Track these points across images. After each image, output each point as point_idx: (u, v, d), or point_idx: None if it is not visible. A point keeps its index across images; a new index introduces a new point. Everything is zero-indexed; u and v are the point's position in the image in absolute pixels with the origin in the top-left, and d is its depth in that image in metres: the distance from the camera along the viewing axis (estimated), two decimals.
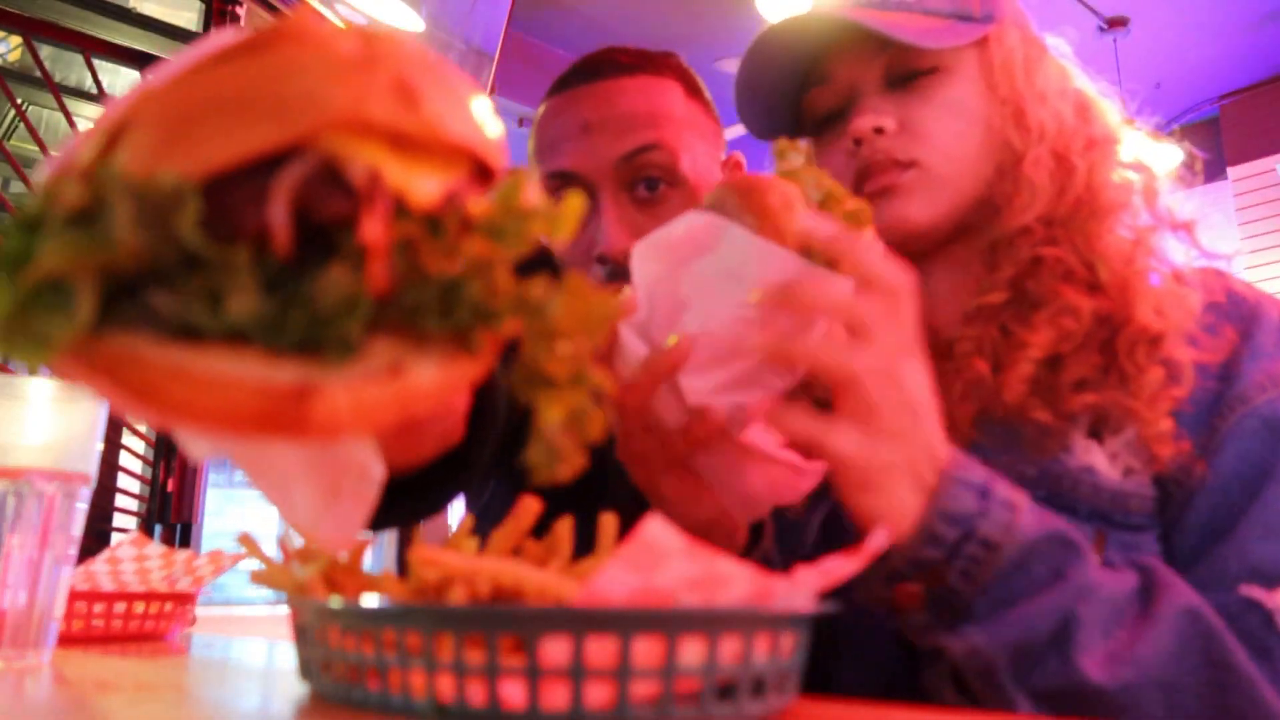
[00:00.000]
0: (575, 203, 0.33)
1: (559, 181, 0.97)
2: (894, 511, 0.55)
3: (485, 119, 0.35)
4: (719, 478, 0.63)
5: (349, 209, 0.30)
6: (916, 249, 0.77)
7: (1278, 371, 0.68)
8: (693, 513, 0.63)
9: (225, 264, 0.28)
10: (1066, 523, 0.59)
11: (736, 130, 1.06)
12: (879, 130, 0.76)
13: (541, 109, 1.03)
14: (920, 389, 0.57)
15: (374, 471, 0.44)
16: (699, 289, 0.57)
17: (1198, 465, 0.67)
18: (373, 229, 0.29)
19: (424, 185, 0.31)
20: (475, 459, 0.68)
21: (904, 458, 0.55)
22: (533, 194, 0.33)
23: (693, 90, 1.03)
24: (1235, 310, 0.73)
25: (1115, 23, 4.39)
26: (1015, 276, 0.75)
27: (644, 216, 0.94)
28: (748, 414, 0.59)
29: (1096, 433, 0.69)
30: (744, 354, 0.57)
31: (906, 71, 0.78)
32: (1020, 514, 0.57)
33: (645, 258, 0.59)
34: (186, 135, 0.30)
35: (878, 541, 0.43)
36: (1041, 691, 0.55)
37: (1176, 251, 0.78)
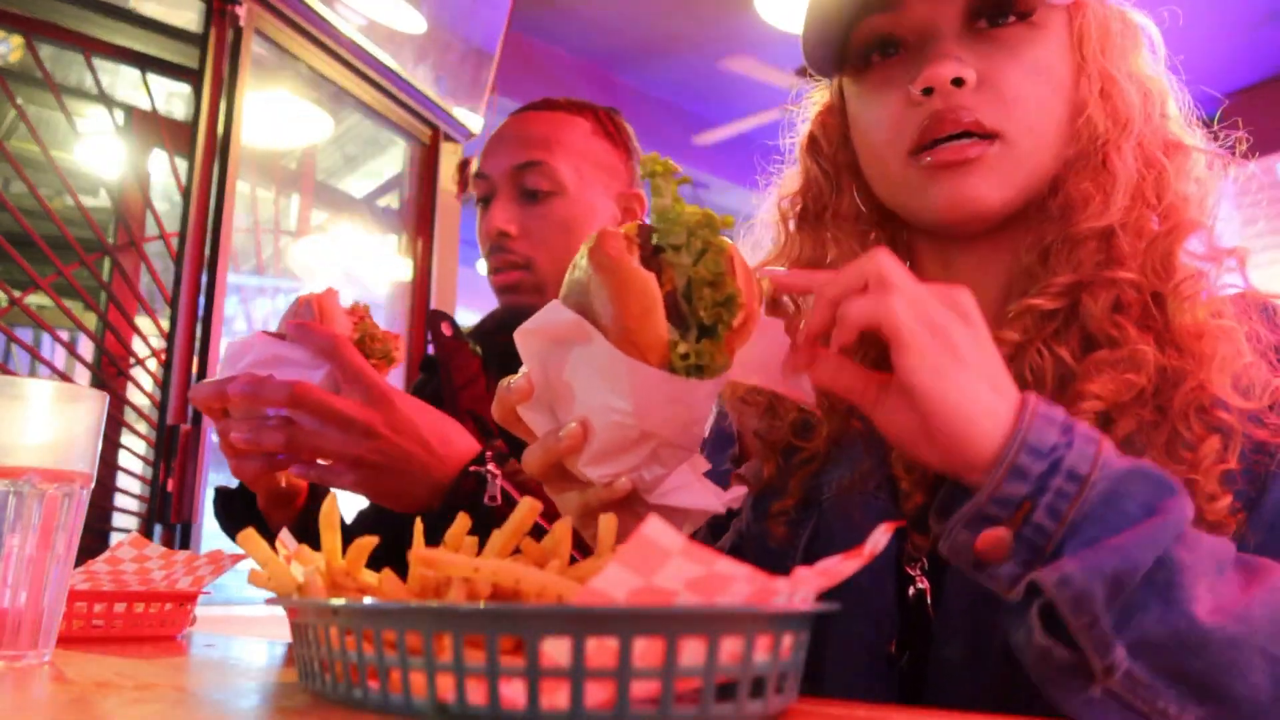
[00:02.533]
0: None
1: (477, 180, 1.27)
2: (979, 433, 0.52)
3: None
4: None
5: None
6: (976, 231, 0.72)
7: None
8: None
9: None
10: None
11: (741, 126, 1.08)
12: (958, 82, 0.67)
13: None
14: (965, 324, 0.54)
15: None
16: (578, 379, 0.57)
17: (1251, 533, 0.62)
18: None
19: None
20: None
21: (973, 380, 0.52)
22: None
23: (606, 133, 1.29)
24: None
25: None
26: (1074, 284, 0.68)
27: (526, 213, 1.22)
28: (655, 480, 0.59)
29: None
30: (630, 451, 0.57)
31: (997, 9, 0.68)
32: (1105, 448, 0.53)
33: (528, 340, 0.58)
34: None
35: (877, 540, 0.43)
36: (1143, 641, 0.49)
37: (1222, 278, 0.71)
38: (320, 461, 0.87)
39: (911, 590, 0.70)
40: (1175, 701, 0.49)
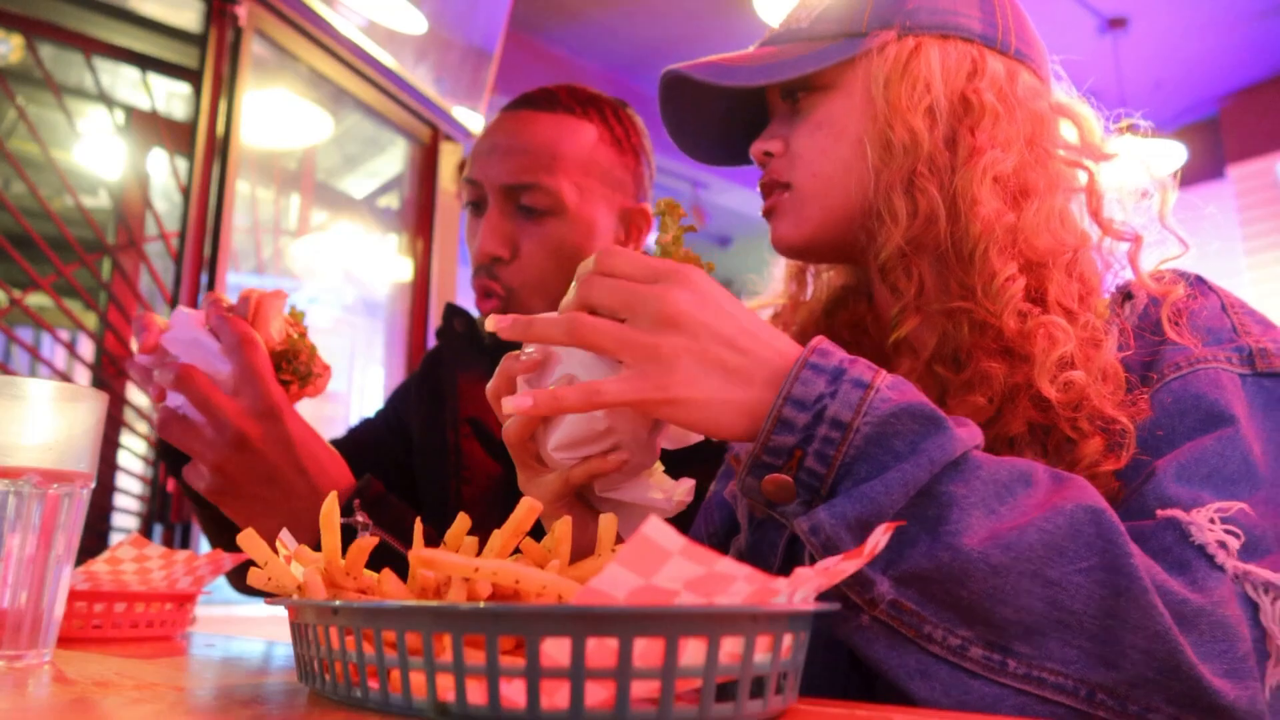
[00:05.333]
0: None
1: (469, 185, 1.14)
2: (719, 414, 0.57)
3: None
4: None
5: None
6: (817, 261, 0.87)
7: (1191, 355, 0.68)
8: (579, 540, 0.64)
9: None
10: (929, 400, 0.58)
11: None
12: (769, 154, 0.81)
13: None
14: (676, 333, 0.57)
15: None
16: (560, 379, 0.63)
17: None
18: None
19: None
20: None
21: (695, 394, 0.57)
22: None
23: (614, 139, 1.16)
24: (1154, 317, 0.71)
25: (1115, 23, 4.39)
26: (904, 309, 0.75)
27: (521, 233, 1.10)
28: (599, 467, 0.62)
29: None
30: (594, 443, 0.62)
31: (790, 92, 0.81)
32: (874, 391, 0.56)
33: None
34: None
35: (878, 540, 0.43)
36: (911, 573, 0.53)
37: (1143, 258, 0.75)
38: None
39: None
40: (941, 626, 0.53)
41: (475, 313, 1.25)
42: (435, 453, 1.18)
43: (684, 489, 0.65)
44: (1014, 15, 0.81)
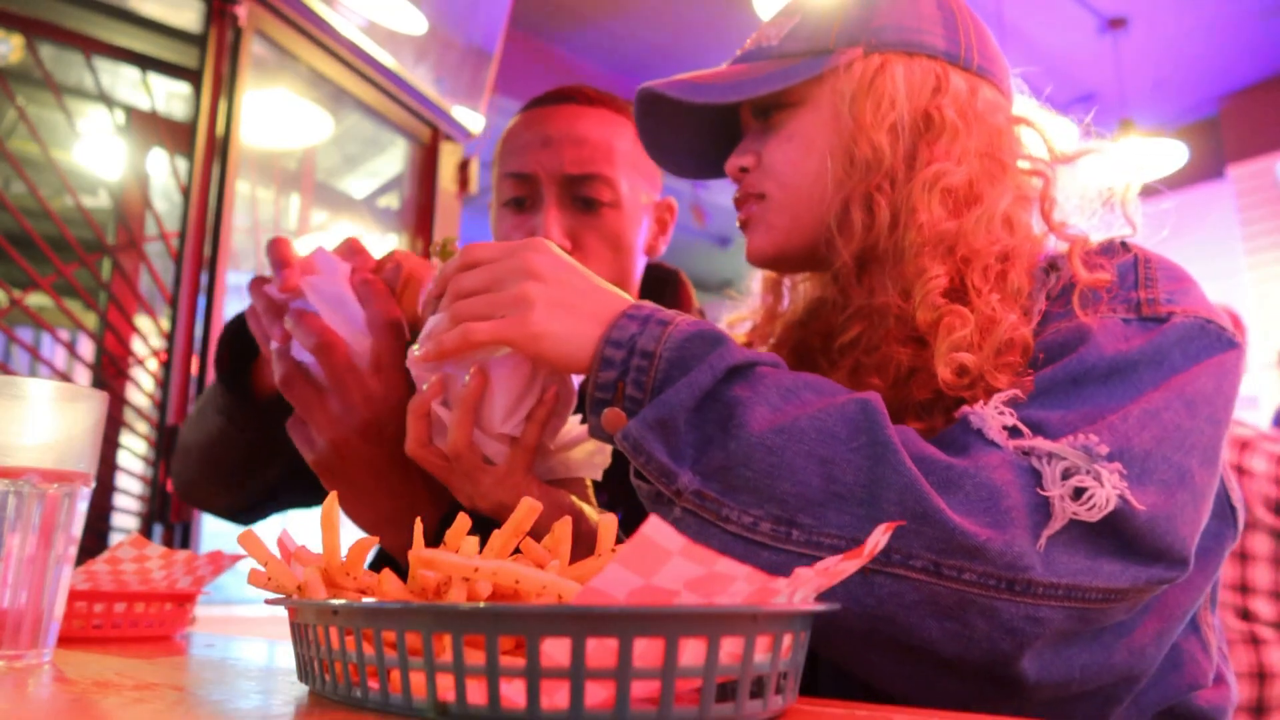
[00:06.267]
0: None
1: (517, 180, 1.12)
2: (573, 348, 0.66)
3: None
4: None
5: None
6: (788, 272, 0.91)
7: (1077, 321, 0.69)
8: (546, 521, 0.68)
9: None
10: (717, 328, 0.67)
11: None
12: (744, 169, 0.84)
13: (511, 123, 1.18)
14: (535, 282, 0.67)
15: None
16: (461, 373, 0.71)
17: None
18: None
19: None
20: None
21: (550, 325, 0.66)
22: None
23: None
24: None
25: (1115, 23, 4.39)
26: (853, 313, 0.80)
27: (580, 224, 1.10)
28: (541, 411, 0.72)
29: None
30: (530, 390, 0.71)
31: (763, 109, 0.84)
32: (673, 327, 0.65)
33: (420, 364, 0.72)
34: None
35: (877, 540, 0.43)
36: (712, 467, 0.61)
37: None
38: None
39: None
40: (737, 508, 0.61)
41: None
42: None
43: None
44: (977, 32, 0.83)
